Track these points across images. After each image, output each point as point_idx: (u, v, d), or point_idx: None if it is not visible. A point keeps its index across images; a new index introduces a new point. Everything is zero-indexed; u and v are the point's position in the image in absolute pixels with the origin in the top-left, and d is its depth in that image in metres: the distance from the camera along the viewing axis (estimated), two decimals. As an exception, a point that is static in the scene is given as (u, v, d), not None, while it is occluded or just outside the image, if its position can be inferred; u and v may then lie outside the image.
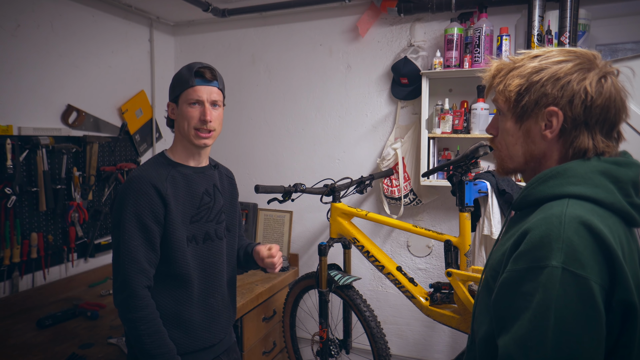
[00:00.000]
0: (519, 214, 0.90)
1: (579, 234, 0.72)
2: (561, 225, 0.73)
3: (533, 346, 0.70)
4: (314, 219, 2.80)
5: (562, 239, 0.72)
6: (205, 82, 1.38)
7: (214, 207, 1.46)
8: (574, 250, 0.70)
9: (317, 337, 2.23)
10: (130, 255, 1.27)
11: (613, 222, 0.77)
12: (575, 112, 0.81)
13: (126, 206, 1.29)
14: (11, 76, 2.07)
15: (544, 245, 0.72)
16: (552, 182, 0.81)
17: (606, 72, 0.82)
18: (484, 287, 0.88)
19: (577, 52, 0.84)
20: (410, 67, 2.33)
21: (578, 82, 0.80)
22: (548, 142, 0.85)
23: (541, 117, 0.84)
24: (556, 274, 0.70)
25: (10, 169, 1.98)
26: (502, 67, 0.89)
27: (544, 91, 0.82)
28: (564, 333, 0.69)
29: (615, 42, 2.11)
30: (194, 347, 1.40)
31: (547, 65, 0.83)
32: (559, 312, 0.69)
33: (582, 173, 0.80)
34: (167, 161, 1.41)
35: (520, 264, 0.74)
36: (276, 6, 2.61)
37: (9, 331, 1.86)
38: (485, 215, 1.94)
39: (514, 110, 0.87)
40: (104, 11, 2.53)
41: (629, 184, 0.79)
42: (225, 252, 1.50)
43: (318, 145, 2.77)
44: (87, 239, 2.41)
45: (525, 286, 0.73)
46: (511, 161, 0.92)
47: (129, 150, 2.71)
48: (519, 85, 0.85)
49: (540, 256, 0.72)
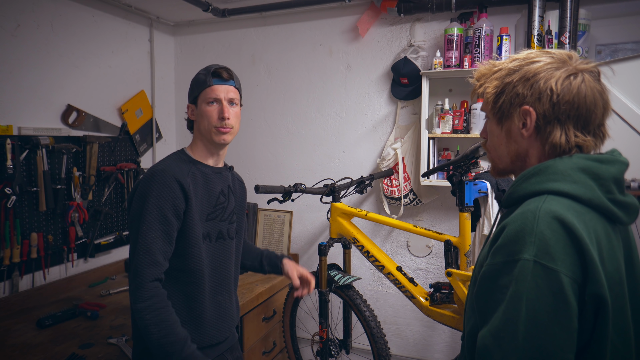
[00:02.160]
0: (506, 212, 0.92)
1: (552, 228, 0.74)
2: (535, 220, 0.75)
3: (506, 337, 0.72)
4: (314, 219, 2.80)
5: (535, 232, 0.74)
6: (222, 81, 1.42)
7: (228, 207, 1.50)
8: (546, 244, 0.73)
9: (317, 337, 2.23)
10: (146, 247, 1.29)
11: (590, 217, 0.78)
12: (544, 108, 0.83)
13: (149, 198, 1.31)
14: (11, 76, 2.07)
15: (519, 239, 0.75)
16: (534, 179, 0.84)
17: (578, 70, 0.84)
18: (472, 283, 0.90)
19: (552, 53, 0.87)
20: (410, 67, 2.33)
21: (545, 80, 0.83)
22: (527, 140, 0.88)
23: (517, 117, 0.87)
24: (528, 266, 0.72)
25: (10, 169, 1.98)
26: (485, 72, 0.93)
27: (516, 91, 0.86)
28: (535, 324, 0.71)
29: (615, 42, 2.11)
30: (203, 344, 1.42)
31: (521, 67, 0.86)
32: (530, 304, 0.71)
33: (562, 170, 0.81)
34: (187, 158, 1.44)
35: (497, 258, 0.77)
36: (276, 6, 2.61)
37: (9, 331, 1.86)
38: (485, 215, 1.94)
39: (493, 112, 0.91)
40: (104, 11, 2.53)
41: (610, 181, 0.80)
42: (234, 252, 1.53)
43: (318, 145, 2.77)
44: (87, 239, 2.41)
45: (502, 279, 0.75)
46: (500, 162, 0.95)
47: (129, 150, 2.71)
48: (495, 87, 0.89)
49: (514, 250, 0.75)
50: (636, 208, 0.83)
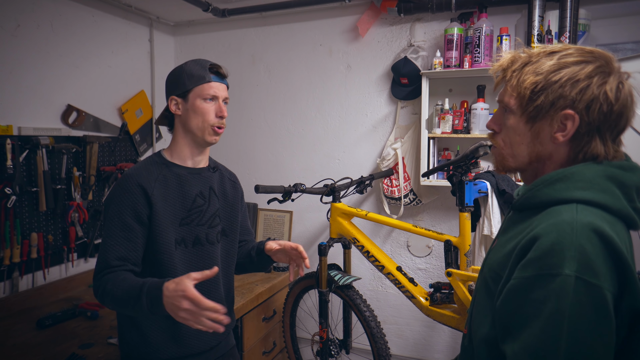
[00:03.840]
0: (519, 215, 0.88)
1: (592, 242, 0.70)
2: (573, 232, 0.71)
3: (545, 356, 0.69)
4: (314, 219, 2.80)
5: (575, 246, 0.70)
6: (220, 79, 1.39)
7: (208, 210, 1.41)
8: (587, 259, 0.69)
9: (317, 337, 2.23)
10: (105, 251, 1.27)
11: (620, 228, 0.75)
12: (592, 117, 0.77)
13: (112, 205, 1.30)
14: (11, 76, 2.07)
15: (556, 253, 0.71)
16: (559, 186, 0.79)
17: (622, 76, 0.80)
18: (483, 287, 0.87)
19: (595, 53, 0.80)
20: (410, 67, 2.33)
21: (598, 86, 0.77)
22: (557, 144, 0.82)
23: (555, 120, 0.80)
24: (570, 282, 0.68)
25: (10, 169, 1.98)
26: (516, 60, 0.84)
27: (562, 93, 0.78)
28: (578, 342, 0.68)
29: (615, 42, 2.11)
30: (181, 354, 1.36)
31: (566, 65, 0.78)
32: (573, 321, 0.68)
33: (589, 177, 0.77)
34: (161, 160, 1.39)
35: (530, 271, 0.73)
36: (276, 6, 2.61)
37: (9, 331, 1.86)
38: (485, 215, 1.94)
39: (525, 109, 0.82)
40: (104, 11, 2.53)
41: (632, 189, 0.78)
42: (220, 256, 1.45)
43: (318, 145, 2.77)
44: (87, 239, 2.41)
45: (535, 293, 0.71)
46: (514, 160, 0.88)
47: (129, 150, 2.71)
48: (534, 82, 0.80)
49: (551, 264, 0.70)
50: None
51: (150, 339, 1.33)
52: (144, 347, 1.34)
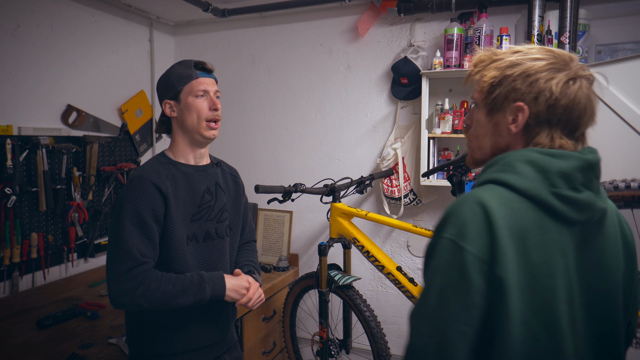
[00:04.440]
0: None
1: (472, 211, 0.78)
2: (461, 203, 0.80)
3: (421, 305, 0.80)
4: (314, 219, 2.80)
5: (457, 214, 0.79)
6: (207, 73, 1.42)
7: (216, 205, 1.45)
8: (463, 225, 0.78)
9: (317, 337, 2.23)
10: (127, 248, 1.25)
11: (522, 207, 0.79)
12: (539, 109, 0.83)
13: (126, 205, 1.29)
14: (11, 76, 2.07)
15: (444, 220, 0.81)
16: (490, 170, 0.86)
17: (577, 75, 0.83)
18: None
19: (554, 52, 0.86)
20: (410, 67, 2.33)
21: (546, 80, 0.82)
22: (513, 136, 0.87)
23: (509, 111, 0.86)
24: (445, 244, 0.78)
25: (10, 169, 1.98)
26: (484, 59, 0.91)
27: (514, 86, 0.85)
28: (442, 296, 0.77)
29: (615, 42, 2.11)
30: (194, 346, 1.40)
31: (523, 61, 0.85)
32: (441, 278, 0.78)
33: (507, 161, 0.84)
34: (167, 160, 1.41)
35: (434, 237, 0.83)
36: (276, 6, 2.61)
37: (9, 331, 1.86)
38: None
39: (486, 102, 0.90)
40: (104, 11, 2.53)
41: (554, 174, 0.80)
42: (228, 250, 1.50)
43: (318, 145, 2.77)
44: (87, 239, 2.41)
45: (428, 254, 0.83)
46: (480, 152, 0.94)
47: (129, 150, 2.71)
48: (493, 77, 0.87)
49: (439, 228, 0.81)
50: (590, 206, 0.81)
51: (161, 334, 1.37)
52: (157, 342, 1.37)
